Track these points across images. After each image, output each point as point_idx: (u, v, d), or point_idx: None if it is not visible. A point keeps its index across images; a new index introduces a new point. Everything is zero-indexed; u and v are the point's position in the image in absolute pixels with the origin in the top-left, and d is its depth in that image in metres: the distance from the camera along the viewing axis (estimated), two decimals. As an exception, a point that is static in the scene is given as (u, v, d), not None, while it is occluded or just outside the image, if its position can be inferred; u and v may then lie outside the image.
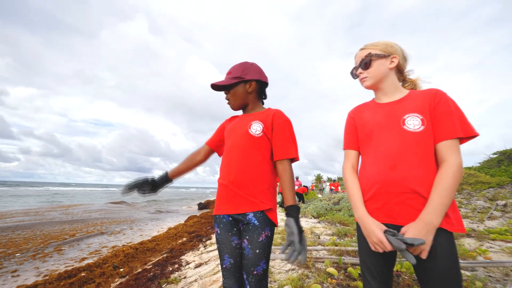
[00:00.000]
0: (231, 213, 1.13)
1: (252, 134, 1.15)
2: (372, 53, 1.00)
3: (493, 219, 4.58)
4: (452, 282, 0.78)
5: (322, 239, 3.66)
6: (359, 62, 1.05)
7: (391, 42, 1.02)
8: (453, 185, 0.79)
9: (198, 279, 2.57)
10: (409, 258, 0.76)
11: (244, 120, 1.23)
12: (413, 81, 1.05)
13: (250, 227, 1.07)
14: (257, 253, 1.04)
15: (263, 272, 1.06)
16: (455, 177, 0.79)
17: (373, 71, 1.01)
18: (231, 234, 1.13)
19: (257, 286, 1.04)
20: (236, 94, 1.25)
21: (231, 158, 1.18)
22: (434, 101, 0.89)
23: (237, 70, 1.24)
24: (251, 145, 1.15)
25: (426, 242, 0.77)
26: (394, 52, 1.00)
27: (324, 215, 5.97)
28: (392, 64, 1.00)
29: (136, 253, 4.71)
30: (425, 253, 0.78)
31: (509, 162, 12.41)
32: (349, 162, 1.06)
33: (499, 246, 2.94)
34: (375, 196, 0.91)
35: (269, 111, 1.22)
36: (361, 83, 1.07)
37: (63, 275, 3.59)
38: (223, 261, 1.12)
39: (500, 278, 2.03)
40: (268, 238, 1.08)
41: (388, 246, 0.81)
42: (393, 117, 0.94)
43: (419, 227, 0.78)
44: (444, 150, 0.84)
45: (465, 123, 0.86)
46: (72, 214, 10.87)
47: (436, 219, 0.77)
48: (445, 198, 0.78)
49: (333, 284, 1.89)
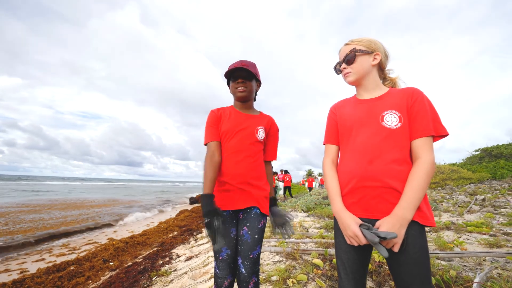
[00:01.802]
0: (238, 208, 1.23)
1: (258, 139, 1.31)
2: (357, 49, 1.01)
3: (472, 213, 4.82)
4: (422, 272, 0.83)
5: (311, 232, 3.77)
6: (343, 57, 1.05)
7: (374, 40, 1.04)
8: (425, 181, 0.83)
9: (189, 271, 2.62)
10: (382, 251, 0.80)
11: (250, 123, 1.32)
12: (393, 80, 1.09)
13: (252, 215, 1.21)
14: (255, 238, 1.17)
15: (258, 256, 1.18)
16: (428, 173, 0.84)
17: (356, 66, 1.02)
18: (231, 226, 1.22)
19: (252, 268, 1.14)
20: (251, 88, 1.33)
21: (240, 159, 1.25)
22: (411, 100, 0.93)
23: (254, 68, 1.33)
24: (256, 147, 1.30)
25: (399, 236, 0.81)
26: (377, 49, 1.02)
27: (313, 209, 6.11)
28: (375, 61, 1.02)
29: (126, 247, 4.70)
30: (397, 246, 0.82)
31: (489, 159, 12.98)
32: (329, 157, 1.09)
33: (475, 238, 3.12)
34: (353, 190, 0.94)
35: (268, 118, 1.40)
36: (344, 79, 1.08)
37: (52, 269, 3.56)
38: (221, 253, 1.16)
39: (473, 267, 2.17)
40: (264, 225, 1.24)
41: (362, 240, 0.84)
42: (373, 114, 0.97)
43: (393, 221, 0.82)
44: (418, 147, 0.89)
45: (437, 123, 0.91)
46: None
47: (409, 213, 0.82)
48: (418, 193, 0.82)
49: (318, 274, 1.98)
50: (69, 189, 28.02)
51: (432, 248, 2.77)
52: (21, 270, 3.74)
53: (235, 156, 1.25)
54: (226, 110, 1.36)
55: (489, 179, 9.93)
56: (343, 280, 0.95)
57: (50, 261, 4.11)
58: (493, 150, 13.48)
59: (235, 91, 1.31)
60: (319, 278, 1.92)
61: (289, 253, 2.50)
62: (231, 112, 1.35)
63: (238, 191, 1.22)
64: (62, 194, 20.02)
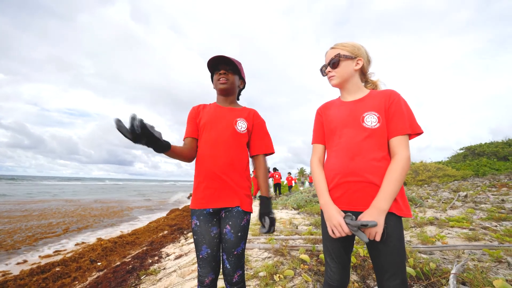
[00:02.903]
0: (219, 207, 1.19)
1: (238, 130, 1.26)
2: (341, 54, 1.07)
3: (454, 209, 5.02)
4: (397, 258, 0.90)
5: (300, 229, 3.83)
6: (328, 60, 1.12)
7: (358, 45, 1.10)
8: (401, 175, 0.90)
9: (177, 269, 2.61)
10: (363, 237, 0.87)
11: (228, 115, 1.29)
12: (374, 82, 1.16)
13: (234, 213, 1.19)
14: (238, 236, 1.17)
15: (242, 251, 1.19)
16: (403, 168, 0.91)
17: (340, 70, 1.08)
18: (211, 225, 1.19)
19: (236, 263, 1.16)
20: (234, 82, 1.33)
21: (217, 151, 1.21)
22: (389, 101, 1.00)
23: (239, 64, 1.32)
24: (236, 140, 1.25)
25: (379, 224, 0.87)
26: (360, 54, 1.09)
27: (303, 206, 6.20)
28: (357, 66, 1.09)
29: (115, 246, 4.63)
30: (378, 235, 0.88)
31: (473, 157, 13.50)
32: (316, 156, 1.15)
33: (455, 232, 3.26)
34: (337, 185, 1.01)
35: (249, 110, 1.35)
36: (329, 81, 1.15)
37: (36, 271, 3.47)
38: (200, 252, 1.17)
39: (453, 260, 2.28)
40: (248, 222, 1.23)
41: (345, 229, 0.90)
42: (354, 115, 1.04)
43: (372, 211, 0.89)
44: (395, 145, 0.95)
45: (413, 122, 0.98)
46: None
47: (386, 204, 0.88)
48: (394, 186, 0.89)
49: (305, 269, 2.02)
50: (60, 190, 26.51)
51: (415, 242, 2.87)
52: (3, 273, 3.62)
53: (213, 148, 1.22)
54: (207, 105, 1.37)
55: (472, 176, 10.33)
56: (329, 264, 1.05)
57: (35, 263, 4.01)
58: (476, 149, 14.04)
59: (216, 83, 1.31)
60: (306, 273, 1.97)
61: (278, 249, 2.54)
62: (211, 106, 1.35)
63: (217, 187, 1.19)
64: (67, 195, 18.83)
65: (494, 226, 3.47)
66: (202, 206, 1.20)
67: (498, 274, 1.91)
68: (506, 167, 10.69)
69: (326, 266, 1.07)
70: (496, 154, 12.70)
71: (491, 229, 3.30)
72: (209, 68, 1.34)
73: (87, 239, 5.61)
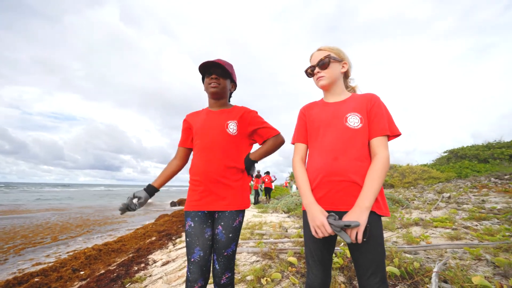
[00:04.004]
0: (213, 210, 1.20)
1: (230, 133, 1.28)
2: (331, 56, 1.10)
3: (438, 210, 5.18)
4: (377, 257, 0.92)
5: (290, 232, 3.83)
6: (316, 61, 1.12)
7: (342, 49, 1.14)
8: (381, 174, 0.92)
9: (164, 276, 2.55)
10: (345, 237, 0.87)
11: (219, 118, 1.31)
12: (353, 88, 1.21)
13: (226, 214, 1.20)
14: (230, 237, 1.17)
15: (232, 253, 1.19)
16: (384, 168, 0.93)
17: (329, 71, 1.10)
18: (206, 226, 1.19)
19: (226, 264, 1.16)
20: (225, 86, 1.34)
21: (211, 155, 1.24)
22: (370, 104, 1.04)
23: (230, 67, 1.34)
24: (229, 142, 1.27)
25: (361, 223, 0.87)
26: (345, 58, 1.13)
27: (294, 209, 6.21)
28: (343, 69, 1.13)
29: (99, 254, 4.46)
30: (360, 233, 0.88)
31: (455, 159, 14.03)
32: (298, 155, 1.15)
33: (439, 232, 3.35)
34: (320, 185, 1.02)
35: (238, 109, 1.37)
36: (316, 82, 1.15)
37: (12, 282, 3.29)
38: (192, 254, 1.14)
39: (436, 259, 2.34)
40: (240, 223, 1.23)
41: (328, 229, 0.90)
42: (338, 115, 1.06)
43: (355, 209, 0.90)
44: (376, 145, 0.98)
45: (392, 124, 1.02)
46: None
47: (368, 202, 0.89)
48: (375, 185, 0.91)
49: (293, 272, 2.02)
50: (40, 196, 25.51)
51: (401, 243, 2.93)
52: (-23, 285, 3.41)
53: (207, 153, 1.25)
54: (199, 112, 1.41)
55: (455, 178, 10.72)
56: (311, 266, 1.04)
57: (12, 273, 3.80)
58: (459, 152, 14.61)
59: (207, 87, 1.32)
60: (293, 275, 1.96)
61: (266, 253, 2.53)
62: (203, 112, 1.39)
63: (210, 190, 1.21)
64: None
65: (475, 226, 3.61)
66: (197, 208, 1.20)
67: (478, 271, 1.98)
68: (486, 169, 11.16)
69: (307, 268, 1.06)
70: (477, 156, 13.26)
71: (472, 228, 3.42)
72: (201, 70, 1.35)
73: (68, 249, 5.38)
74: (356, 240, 0.88)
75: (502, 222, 3.72)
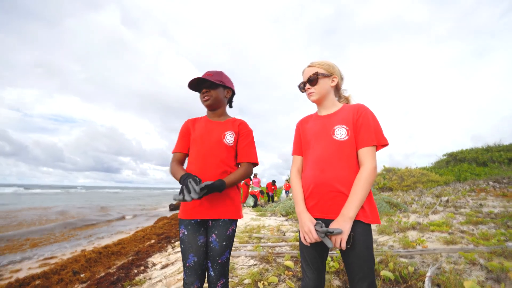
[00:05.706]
0: (206, 218, 1.24)
1: (227, 143, 1.33)
2: (319, 73, 1.15)
3: (436, 213, 5.21)
4: (366, 263, 0.97)
5: (287, 235, 3.87)
6: (307, 78, 1.19)
7: (332, 64, 1.19)
8: (366, 184, 0.97)
9: (163, 279, 2.59)
10: (328, 243, 0.93)
11: (218, 128, 1.36)
12: (347, 98, 1.26)
13: (220, 223, 1.23)
14: (223, 245, 1.21)
15: (226, 260, 1.24)
16: (369, 178, 0.98)
17: (318, 87, 1.16)
18: (198, 234, 1.24)
19: (220, 271, 1.21)
20: (217, 96, 1.37)
21: (207, 164, 1.28)
22: (357, 114, 1.08)
23: (219, 75, 1.37)
24: (225, 153, 1.32)
25: (344, 231, 0.93)
26: (334, 72, 1.18)
27: (292, 213, 6.24)
28: (333, 83, 1.18)
29: (99, 257, 4.49)
30: (343, 241, 0.94)
31: (455, 163, 14.05)
32: (295, 166, 1.23)
33: (435, 236, 3.39)
34: (311, 195, 1.08)
35: (237, 121, 1.42)
36: (308, 97, 1.22)
37: (14, 284, 3.32)
38: (187, 260, 1.20)
39: (431, 263, 2.38)
40: (233, 231, 1.28)
41: (314, 235, 0.96)
42: (326, 128, 1.12)
43: (339, 219, 0.96)
44: (363, 156, 1.03)
45: (379, 134, 1.05)
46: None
47: (352, 212, 0.95)
48: (360, 195, 0.96)
49: (289, 275, 2.06)
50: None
51: (397, 247, 2.97)
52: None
53: (203, 161, 1.29)
54: (199, 119, 1.45)
55: (454, 181, 10.72)
56: (305, 270, 1.10)
57: (12, 276, 3.83)
58: (458, 155, 14.63)
59: (201, 101, 1.39)
60: (290, 279, 2.01)
61: (264, 256, 2.57)
62: (202, 120, 1.43)
63: (204, 199, 1.23)
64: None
65: (471, 230, 3.64)
66: (190, 217, 1.24)
67: (471, 276, 2.02)
68: (485, 172, 11.18)
69: (302, 273, 1.12)
70: (476, 160, 13.28)
71: (468, 233, 3.46)
72: (192, 89, 1.40)
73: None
74: (341, 247, 0.94)
75: (498, 226, 3.76)
